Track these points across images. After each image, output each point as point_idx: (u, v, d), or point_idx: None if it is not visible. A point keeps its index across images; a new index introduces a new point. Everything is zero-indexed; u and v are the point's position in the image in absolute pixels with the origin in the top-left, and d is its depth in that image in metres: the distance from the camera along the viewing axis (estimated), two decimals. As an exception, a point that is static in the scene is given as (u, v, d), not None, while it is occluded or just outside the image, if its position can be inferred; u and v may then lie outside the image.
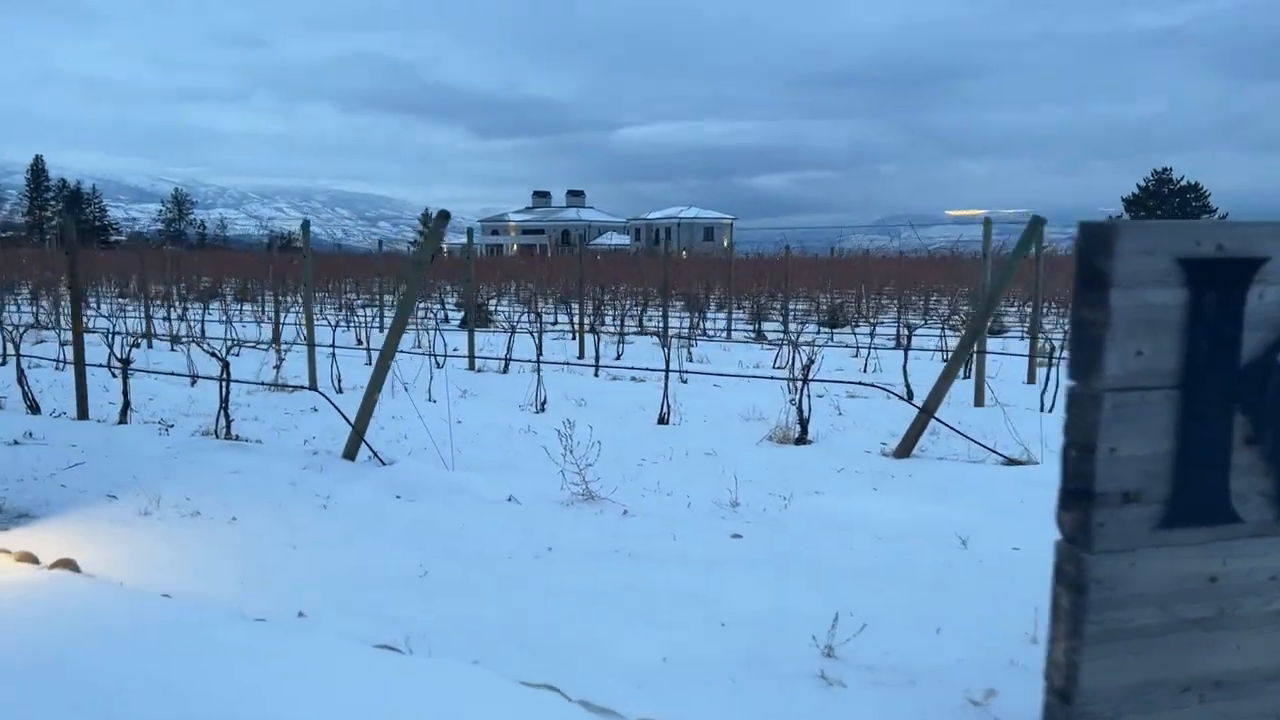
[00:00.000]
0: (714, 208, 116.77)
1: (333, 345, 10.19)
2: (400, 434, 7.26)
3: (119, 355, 7.38)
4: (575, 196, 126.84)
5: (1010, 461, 6.26)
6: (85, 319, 9.36)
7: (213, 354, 6.82)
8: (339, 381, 9.33)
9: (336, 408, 6.51)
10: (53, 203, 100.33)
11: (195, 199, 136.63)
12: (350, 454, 6.23)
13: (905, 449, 6.54)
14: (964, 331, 6.91)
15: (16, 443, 6.75)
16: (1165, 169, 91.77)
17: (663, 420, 7.62)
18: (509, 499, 5.42)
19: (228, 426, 6.76)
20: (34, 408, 7.83)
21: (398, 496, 5.54)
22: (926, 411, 6.40)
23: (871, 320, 17.89)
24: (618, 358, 12.60)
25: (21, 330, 8.21)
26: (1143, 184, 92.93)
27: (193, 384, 9.27)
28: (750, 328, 17.93)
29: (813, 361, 6.94)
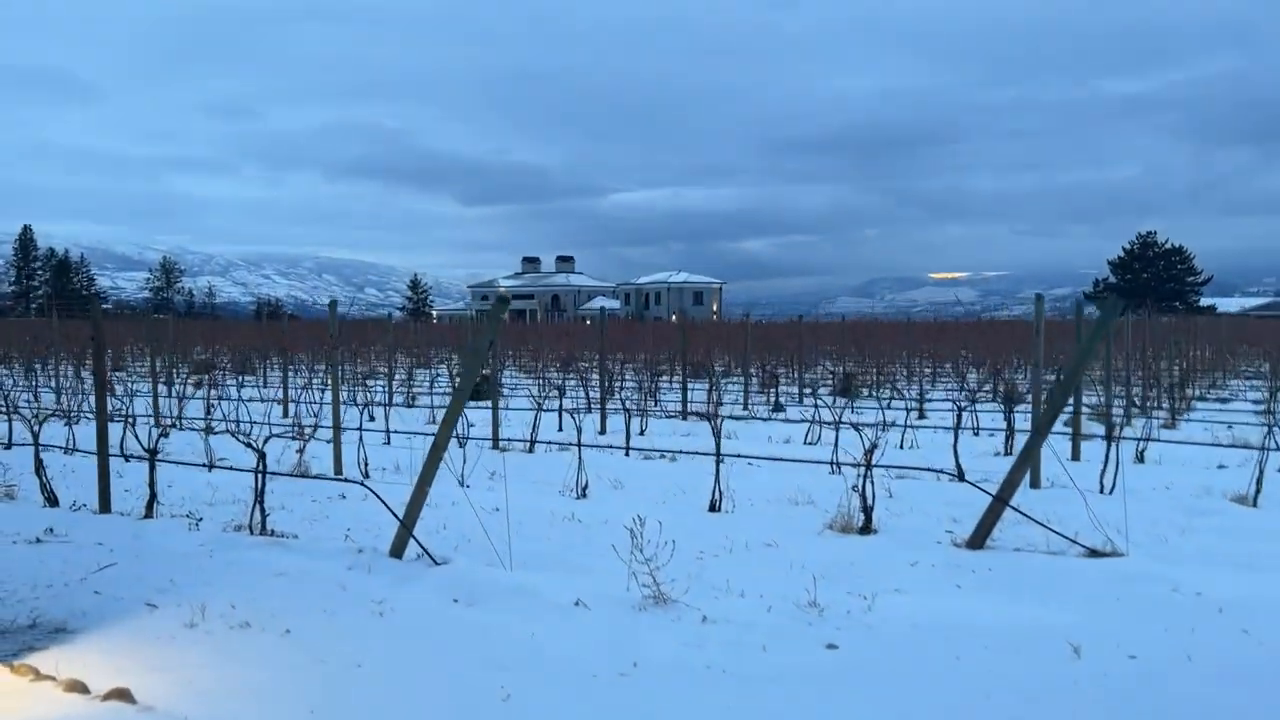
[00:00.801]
0: (699, 271, 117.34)
1: (360, 429, 9.83)
2: (439, 523, 6.92)
3: (145, 445, 7.04)
4: (564, 262, 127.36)
5: (1093, 553, 5.97)
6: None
7: (248, 444, 6.49)
8: (365, 466, 8.98)
9: (385, 503, 6.16)
10: (40, 272, 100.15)
11: (183, 266, 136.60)
12: (398, 551, 5.90)
13: (978, 540, 6.24)
14: (1044, 409, 6.65)
15: (39, 540, 6.39)
16: (1150, 233, 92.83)
17: (713, 507, 7.30)
18: (576, 603, 5.08)
19: (263, 521, 6.42)
20: (52, 500, 7.47)
21: (456, 600, 5.20)
22: (1001, 500, 6.12)
23: (899, 390, 17.65)
24: (641, 433, 12.31)
25: (43, 417, 7.85)
26: (1128, 247, 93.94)
27: (209, 469, 8.92)
28: (763, 397, 17.67)
29: (875, 446, 6.65)
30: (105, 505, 7.22)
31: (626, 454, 10.39)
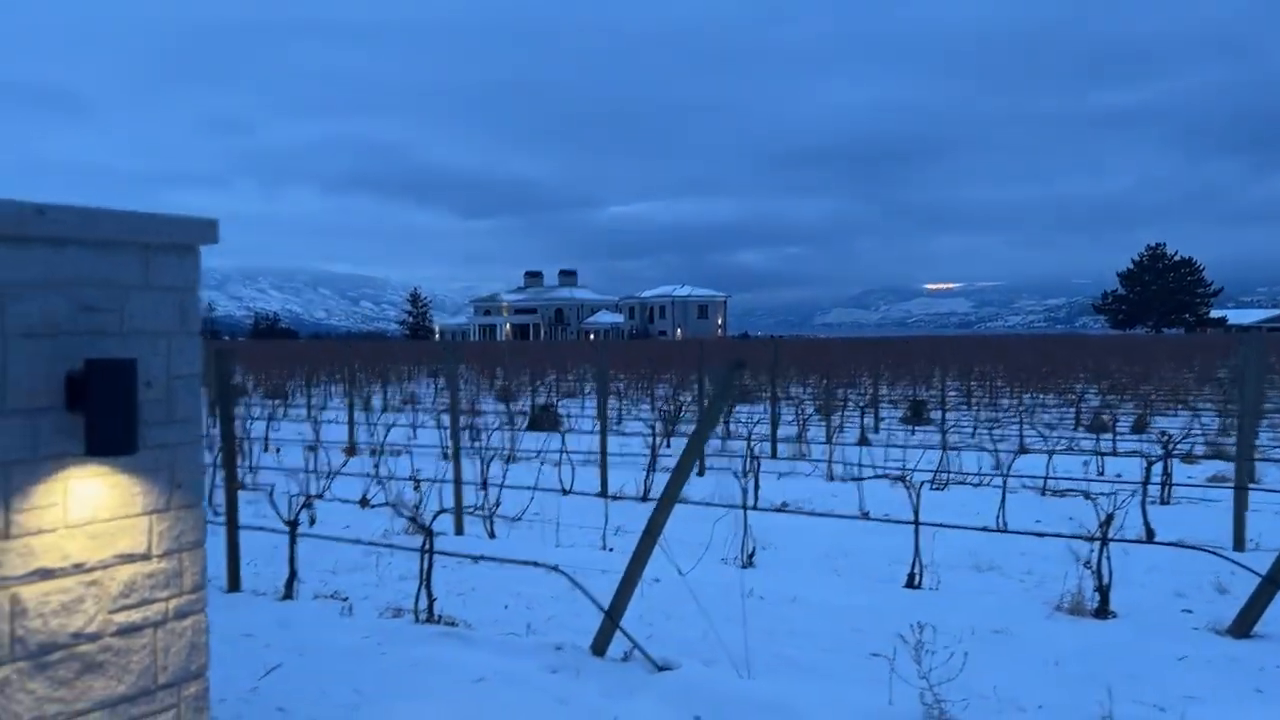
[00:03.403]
0: (694, 283, 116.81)
1: (485, 483, 9.03)
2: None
3: (285, 516, 6.32)
4: (567, 276, 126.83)
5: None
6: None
7: (412, 519, 5.79)
8: (491, 526, 8.25)
9: (585, 591, 5.46)
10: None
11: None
12: (600, 648, 5.19)
13: (1244, 627, 5.55)
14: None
15: (178, 632, 5.67)
16: (1159, 244, 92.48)
17: (912, 582, 6.60)
18: (850, 726, 4.38)
19: (430, 607, 5.70)
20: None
21: (697, 718, 4.50)
22: (1275, 582, 5.43)
23: (989, 416, 16.96)
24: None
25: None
26: (1137, 259, 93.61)
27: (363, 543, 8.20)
28: (818, 425, 16.94)
29: (1112, 518, 5.97)
30: (234, 583, 6.51)
31: (754, 506, 9.67)
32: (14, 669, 2.83)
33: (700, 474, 12.05)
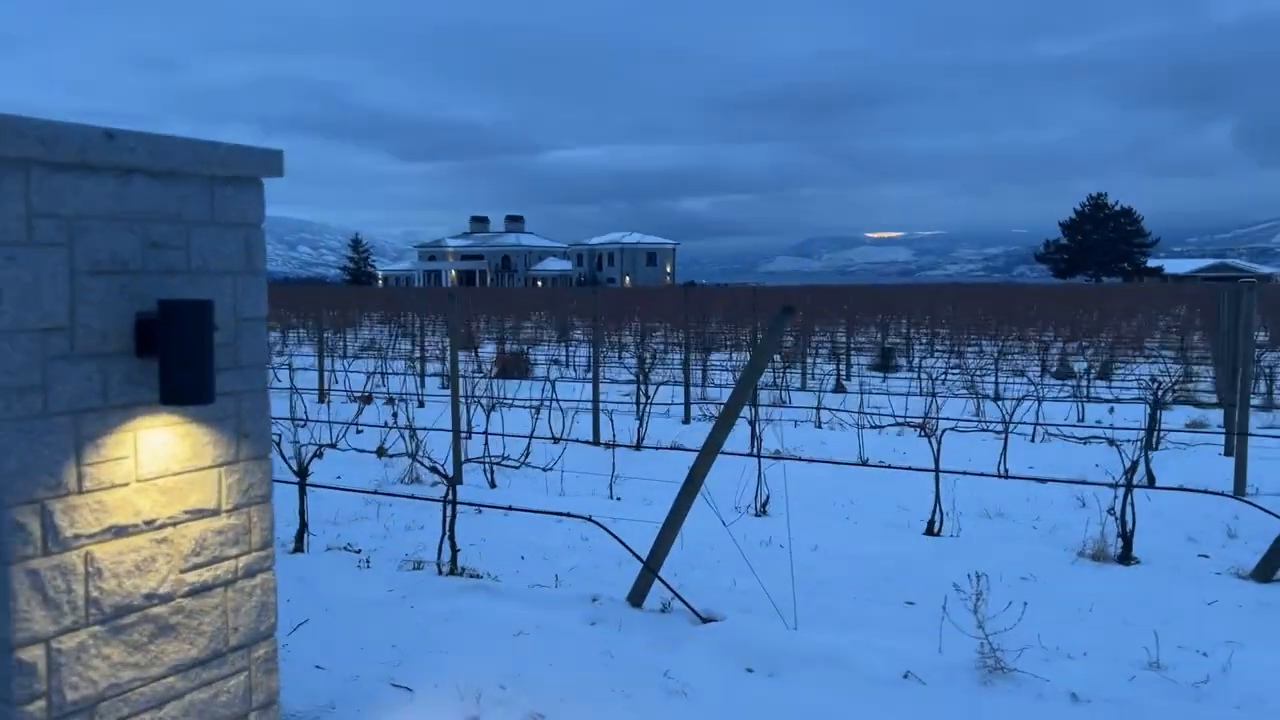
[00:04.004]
0: (641, 230, 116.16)
1: (485, 432, 8.82)
2: (628, 554, 6.12)
3: (294, 464, 6.09)
4: (514, 222, 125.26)
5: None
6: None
7: (434, 469, 5.60)
8: (491, 474, 8.07)
9: (623, 543, 5.33)
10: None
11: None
12: (637, 599, 5.09)
13: (1266, 572, 5.62)
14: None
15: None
16: (1100, 194, 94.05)
17: (931, 529, 6.58)
18: (905, 675, 4.32)
19: (454, 558, 5.54)
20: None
21: (750, 670, 4.42)
22: (1297, 528, 5.48)
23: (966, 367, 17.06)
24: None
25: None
26: (1079, 209, 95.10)
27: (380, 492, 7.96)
28: (794, 378, 16.94)
29: (1136, 464, 5.98)
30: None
31: (753, 455, 9.60)
32: (89, 633, 2.63)
33: (686, 421, 11.97)
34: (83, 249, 2.58)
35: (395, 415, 7.95)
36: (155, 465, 2.78)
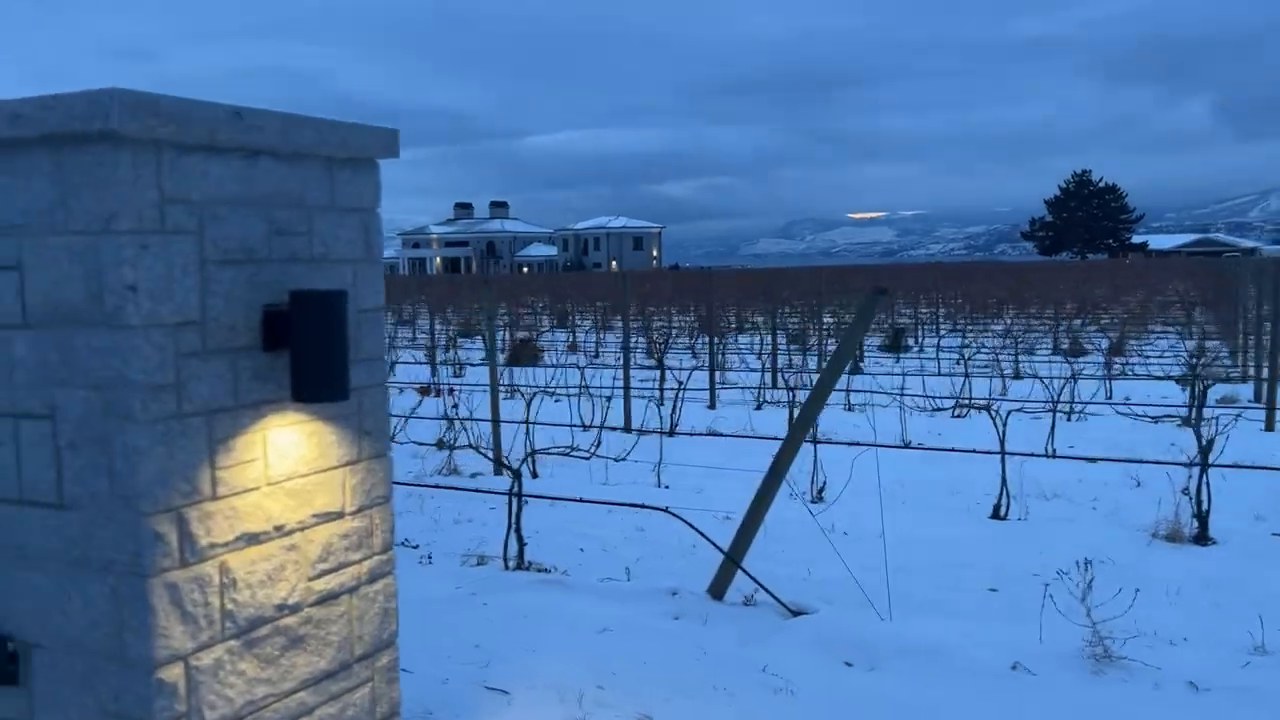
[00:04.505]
0: (625, 215, 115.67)
1: (526, 421, 8.59)
2: (689, 544, 5.98)
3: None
4: (498, 208, 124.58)
5: None
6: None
7: (498, 460, 5.43)
8: (533, 464, 7.89)
9: (705, 536, 5.18)
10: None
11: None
12: (718, 592, 4.94)
13: (1349, 551, 5.51)
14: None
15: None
16: (1085, 171, 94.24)
17: (997, 513, 6.45)
18: (1014, 666, 4.19)
19: (520, 553, 5.38)
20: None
21: (850, 664, 4.28)
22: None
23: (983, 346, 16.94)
24: (759, 407, 11.36)
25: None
26: (1063, 186, 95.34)
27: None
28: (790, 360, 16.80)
29: (1213, 442, 5.86)
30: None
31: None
32: (225, 649, 2.46)
33: (711, 407, 11.82)
34: (211, 237, 2.40)
35: (455, 407, 7.76)
36: (284, 467, 2.61)
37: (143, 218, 2.24)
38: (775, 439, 9.64)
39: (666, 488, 7.48)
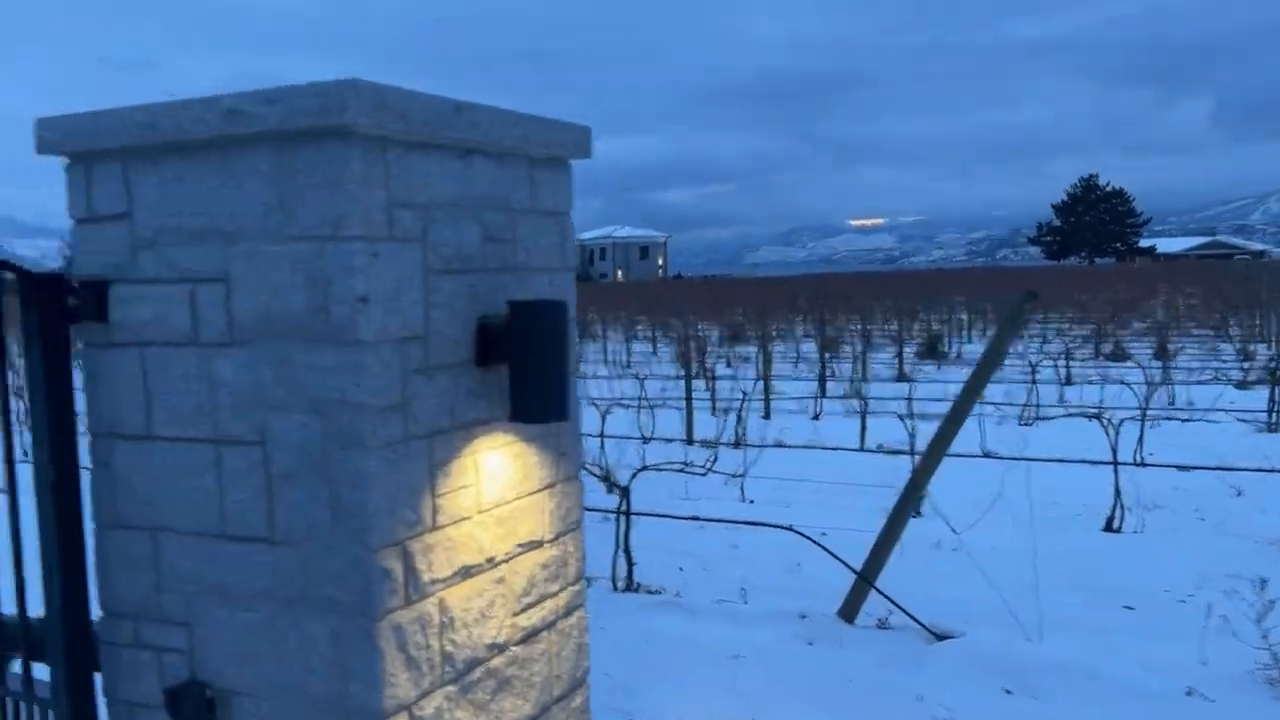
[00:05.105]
0: (626, 224, 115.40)
1: (601, 434, 8.36)
2: (793, 562, 5.77)
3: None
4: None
5: None
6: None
7: (605, 478, 5.22)
8: (608, 474, 7.64)
9: (835, 556, 4.96)
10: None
11: None
12: (849, 614, 4.71)
13: None
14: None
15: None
16: (1092, 176, 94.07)
17: (1110, 526, 6.23)
18: (1188, 692, 3.97)
19: (630, 574, 5.16)
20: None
21: (1009, 692, 4.06)
22: None
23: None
24: (816, 417, 11.15)
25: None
26: (1071, 190, 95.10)
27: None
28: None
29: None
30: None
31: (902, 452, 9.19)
32: (444, 694, 2.24)
33: (766, 417, 11.60)
34: (433, 244, 2.19)
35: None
36: (493, 493, 2.40)
37: (373, 222, 2.03)
38: (843, 449, 9.46)
39: (751, 502, 7.26)
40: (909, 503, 4.65)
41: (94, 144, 2.20)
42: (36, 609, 2.40)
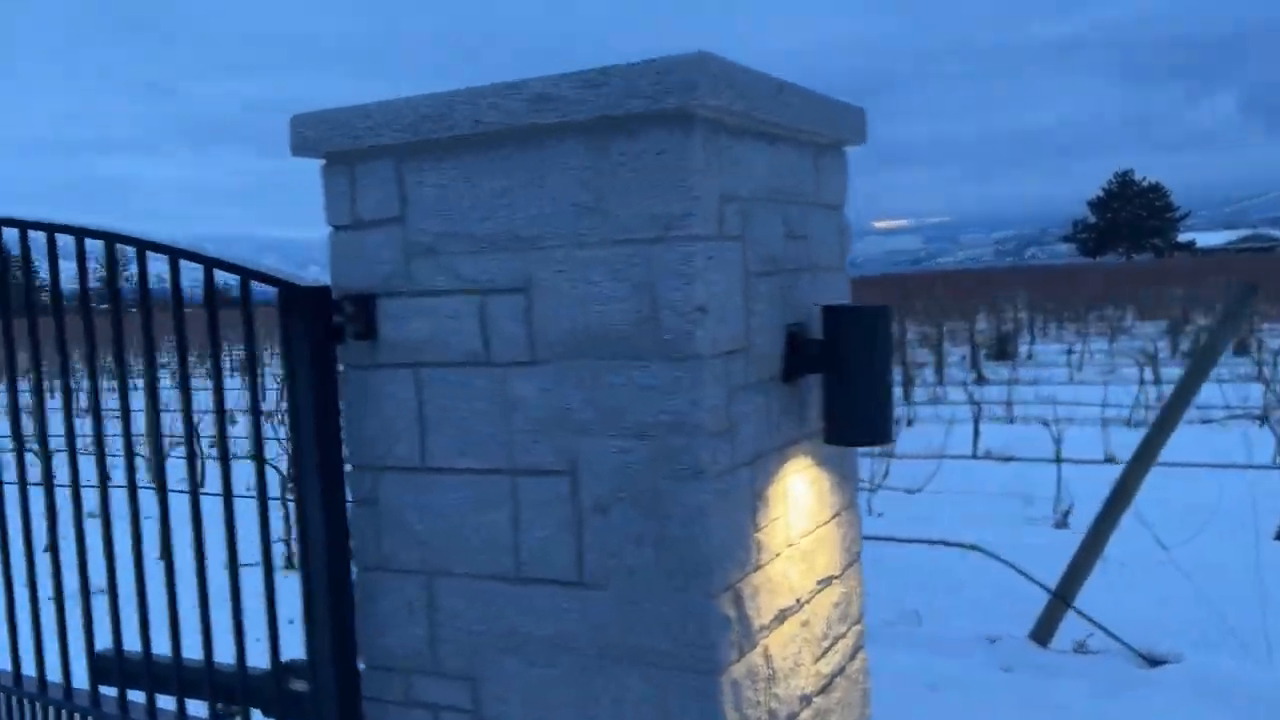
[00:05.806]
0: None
1: None
2: (959, 580, 5.44)
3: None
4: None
5: None
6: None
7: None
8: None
9: (1023, 573, 4.65)
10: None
11: (116, 255, 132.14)
12: (1043, 636, 4.38)
13: None
14: None
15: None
16: (1127, 171, 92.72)
17: (1281, 535, 5.86)
18: None
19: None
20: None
21: (1244, 722, 3.72)
22: None
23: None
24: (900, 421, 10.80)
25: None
26: (1106, 187, 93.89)
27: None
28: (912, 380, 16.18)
29: None
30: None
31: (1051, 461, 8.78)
32: (768, 756, 1.96)
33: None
34: (751, 242, 1.92)
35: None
36: (799, 524, 2.12)
37: (708, 220, 1.76)
38: (959, 457, 9.11)
39: (880, 515, 6.93)
40: (1113, 516, 4.32)
41: (361, 141, 1.95)
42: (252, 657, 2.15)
